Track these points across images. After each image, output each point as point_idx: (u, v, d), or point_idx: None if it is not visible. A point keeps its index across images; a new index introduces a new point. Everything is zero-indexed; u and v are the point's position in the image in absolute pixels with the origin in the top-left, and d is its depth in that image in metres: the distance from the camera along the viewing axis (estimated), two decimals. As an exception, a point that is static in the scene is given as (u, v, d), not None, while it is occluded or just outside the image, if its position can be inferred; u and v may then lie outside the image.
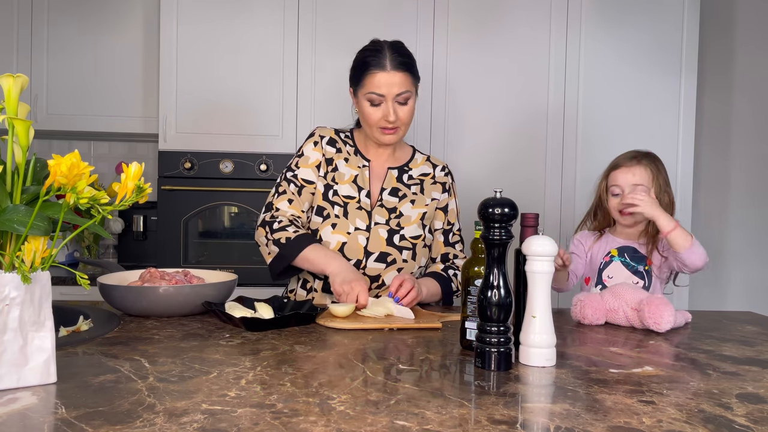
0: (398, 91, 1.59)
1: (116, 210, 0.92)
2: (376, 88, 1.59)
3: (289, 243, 1.58)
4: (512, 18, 2.74)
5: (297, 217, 1.66)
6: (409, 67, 1.62)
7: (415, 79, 1.65)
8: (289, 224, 1.62)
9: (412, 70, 1.63)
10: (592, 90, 2.77)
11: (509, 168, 2.75)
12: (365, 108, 1.63)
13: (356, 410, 0.81)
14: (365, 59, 1.62)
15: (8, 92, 0.90)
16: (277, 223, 1.62)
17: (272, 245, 1.60)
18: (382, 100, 1.60)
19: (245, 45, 2.69)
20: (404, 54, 1.63)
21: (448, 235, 1.76)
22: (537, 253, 1.08)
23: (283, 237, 1.59)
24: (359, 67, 1.63)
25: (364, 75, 1.61)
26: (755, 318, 1.60)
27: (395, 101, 1.61)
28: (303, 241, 1.58)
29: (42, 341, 0.89)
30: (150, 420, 0.76)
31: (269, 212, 1.66)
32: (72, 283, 2.58)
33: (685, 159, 2.80)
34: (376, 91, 1.59)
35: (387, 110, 1.60)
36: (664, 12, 2.78)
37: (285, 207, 1.66)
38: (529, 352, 1.08)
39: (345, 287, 1.47)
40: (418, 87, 1.68)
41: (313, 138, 1.73)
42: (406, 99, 1.62)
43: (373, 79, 1.59)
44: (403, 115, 1.63)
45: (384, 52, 1.60)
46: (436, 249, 1.76)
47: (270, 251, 1.62)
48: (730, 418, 0.82)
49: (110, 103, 2.81)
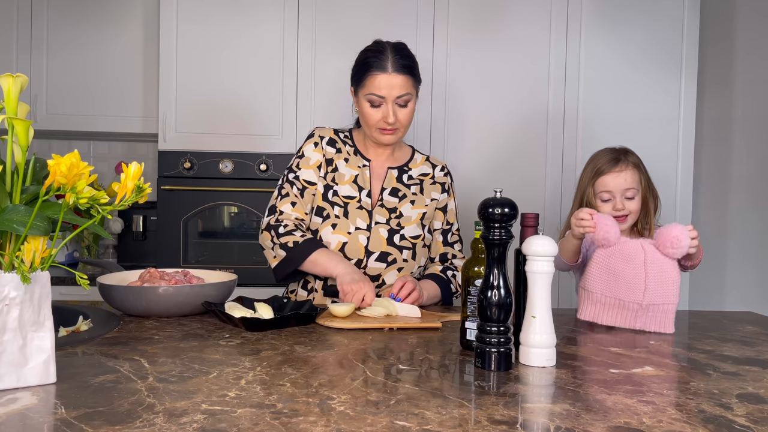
0: (398, 94, 1.60)
1: (116, 210, 0.91)
2: (377, 90, 1.59)
3: (296, 247, 1.59)
4: (512, 17, 2.74)
5: (301, 220, 1.67)
6: (410, 69, 1.62)
7: (416, 81, 1.65)
8: (295, 228, 1.63)
9: (413, 73, 1.63)
10: (592, 90, 2.76)
11: (509, 168, 2.75)
12: (365, 108, 1.64)
13: (356, 410, 0.81)
14: (367, 60, 1.62)
15: (8, 92, 0.90)
16: (283, 227, 1.62)
17: (279, 249, 1.61)
18: (382, 102, 1.60)
19: (245, 44, 2.68)
20: (406, 56, 1.63)
21: (447, 235, 1.77)
22: (537, 253, 1.08)
23: (290, 241, 1.59)
24: (361, 68, 1.63)
25: (365, 75, 1.61)
26: (755, 318, 1.60)
27: (395, 103, 1.61)
28: (311, 246, 1.59)
29: (42, 341, 0.89)
30: (150, 420, 0.76)
31: (273, 215, 1.66)
32: (72, 283, 2.58)
33: (685, 159, 2.79)
34: (376, 93, 1.60)
35: (387, 112, 1.60)
36: (664, 12, 2.78)
37: (289, 210, 1.66)
38: (529, 352, 1.08)
39: (353, 286, 1.48)
40: (419, 89, 1.68)
41: (313, 139, 1.73)
42: (406, 101, 1.62)
43: (374, 80, 1.59)
44: (403, 117, 1.63)
45: (386, 53, 1.60)
46: (434, 249, 1.76)
47: (276, 255, 1.62)
48: (730, 418, 0.82)
49: (110, 102, 2.81)
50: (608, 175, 1.65)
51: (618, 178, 1.64)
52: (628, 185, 1.64)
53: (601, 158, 1.69)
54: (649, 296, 1.38)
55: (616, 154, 1.68)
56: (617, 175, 1.64)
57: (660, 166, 2.76)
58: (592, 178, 1.68)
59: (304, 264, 1.59)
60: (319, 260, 1.57)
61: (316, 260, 1.57)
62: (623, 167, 1.65)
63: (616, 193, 1.64)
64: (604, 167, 1.66)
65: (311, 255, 1.57)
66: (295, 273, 1.64)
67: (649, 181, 1.69)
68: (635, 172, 1.66)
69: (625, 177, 1.64)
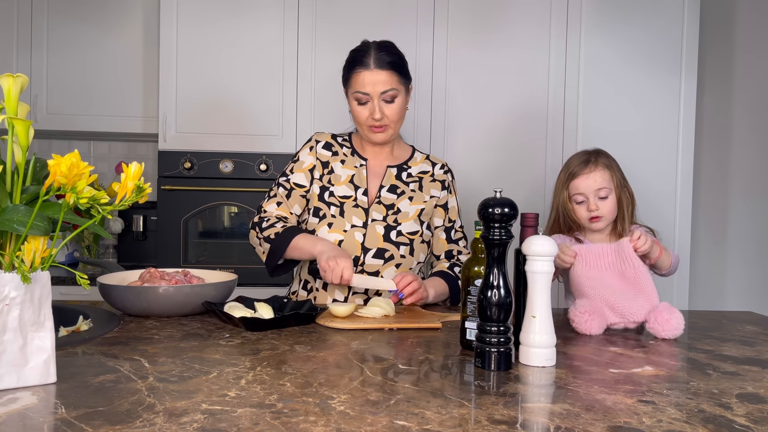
0: (383, 89, 1.61)
1: (116, 210, 0.92)
2: (361, 87, 1.62)
3: (278, 237, 1.62)
4: (512, 17, 2.74)
5: (284, 218, 1.70)
6: (394, 65, 1.63)
7: (402, 77, 1.65)
8: (277, 221, 1.66)
9: (397, 69, 1.64)
10: (592, 90, 2.76)
11: (509, 168, 2.75)
12: (354, 107, 1.67)
13: (356, 410, 0.81)
14: (352, 59, 1.66)
15: (8, 92, 0.90)
16: (265, 222, 1.66)
17: (264, 243, 1.64)
18: (368, 99, 1.63)
19: (245, 44, 2.68)
20: (390, 53, 1.64)
21: (450, 232, 1.77)
22: (537, 253, 1.08)
23: (272, 233, 1.63)
24: (347, 67, 1.68)
25: (350, 74, 1.65)
26: (755, 318, 1.60)
27: (381, 99, 1.62)
28: (291, 233, 1.62)
29: (42, 341, 0.89)
30: (150, 420, 0.76)
31: (258, 215, 1.71)
32: (72, 283, 2.58)
33: (685, 159, 2.79)
34: (361, 90, 1.63)
35: (373, 108, 1.63)
36: (664, 12, 2.78)
37: (272, 209, 1.70)
38: (529, 352, 1.08)
39: (330, 263, 1.50)
40: (408, 86, 1.69)
41: (309, 143, 1.77)
42: (392, 97, 1.63)
43: (358, 77, 1.62)
44: (390, 113, 1.64)
45: (369, 51, 1.63)
46: (438, 246, 1.77)
47: (264, 250, 1.65)
48: (730, 418, 0.82)
49: (110, 102, 2.81)
50: (579, 178, 1.67)
51: (588, 180, 1.66)
52: (599, 185, 1.65)
53: (573, 161, 1.72)
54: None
55: (587, 156, 1.71)
56: (587, 176, 1.66)
57: (660, 166, 2.76)
58: (566, 182, 1.71)
59: (287, 251, 1.61)
60: (299, 244, 1.60)
61: (297, 244, 1.60)
62: (593, 168, 1.67)
63: (588, 194, 1.65)
64: (575, 170, 1.69)
65: (292, 241, 1.60)
66: (286, 265, 1.68)
67: (623, 180, 1.70)
68: (606, 172, 1.68)
69: (596, 177, 1.65)
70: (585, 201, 1.66)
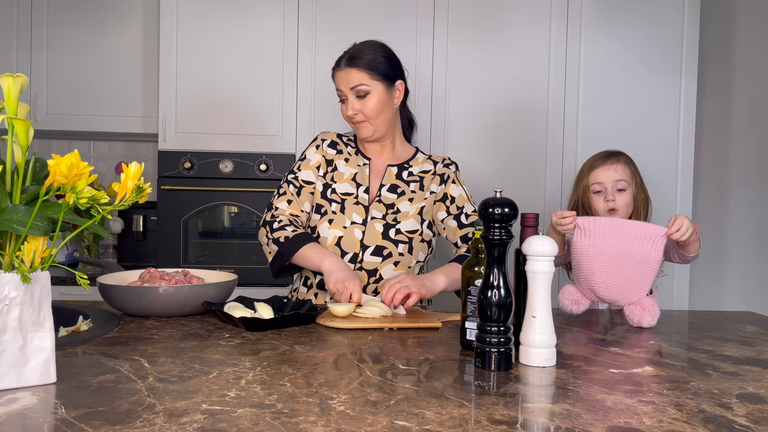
0: (352, 85, 1.66)
1: (116, 210, 0.91)
2: (337, 85, 1.70)
3: (287, 241, 1.63)
4: (512, 17, 2.74)
5: (296, 216, 1.71)
6: (364, 63, 1.65)
7: (375, 74, 1.66)
8: (289, 224, 1.67)
9: (368, 66, 1.65)
10: (592, 89, 2.76)
11: (509, 168, 2.75)
12: (340, 105, 1.73)
13: (356, 410, 0.81)
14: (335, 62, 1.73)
15: (8, 92, 0.90)
16: (277, 222, 1.67)
17: (272, 244, 1.65)
18: (345, 96, 1.69)
19: (245, 44, 2.68)
20: (363, 52, 1.67)
21: (461, 218, 1.73)
22: (537, 253, 1.08)
23: (282, 236, 1.64)
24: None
25: (332, 75, 1.72)
26: (755, 318, 1.60)
27: (354, 95, 1.67)
28: (300, 240, 1.62)
29: (42, 341, 0.89)
30: (150, 420, 0.76)
31: (270, 212, 1.72)
32: (72, 283, 2.58)
33: (685, 159, 2.79)
34: (337, 88, 1.70)
35: (348, 104, 1.68)
36: (664, 12, 2.78)
37: (284, 207, 1.71)
38: (529, 352, 1.08)
39: (339, 286, 1.50)
40: (391, 83, 1.69)
41: (316, 142, 1.80)
42: (363, 92, 1.66)
43: (335, 77, 1.70)
44: (363, 108, 1.67)
45: (347, 52, 1.69)
46: (452, 234, 1.73)
47: (270, 250, 1.66)
48: (730, 418, 0.82)
49: (110, 103, 2.81)
50: (600, 168, 1.77)
51: (609, 170, 1.75)
52: (619, 177, 1.74)
53: (595, 156, 1.83)
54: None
55: (609, 152, 1.81)
56: (608, 167, 1.76)
57: (660, 166, 2.76)
58: (587, 172, 1.80)
59: (294, 258, 1.63)
60: (307, 255, 1.61)
61: (305, 255, 1.61)
62: (614, 161, 1.77)
63: (607, 185, 1.75)
64: (597, 162, 1.79)
65: (300, 250, 1.61)
66: (290, 268, 1.68)
67: (642, 182, 1.80)
68: (626, 167, 1.77)
69: (616, 169, 1.75)
70: (603, 192, 1.73)
